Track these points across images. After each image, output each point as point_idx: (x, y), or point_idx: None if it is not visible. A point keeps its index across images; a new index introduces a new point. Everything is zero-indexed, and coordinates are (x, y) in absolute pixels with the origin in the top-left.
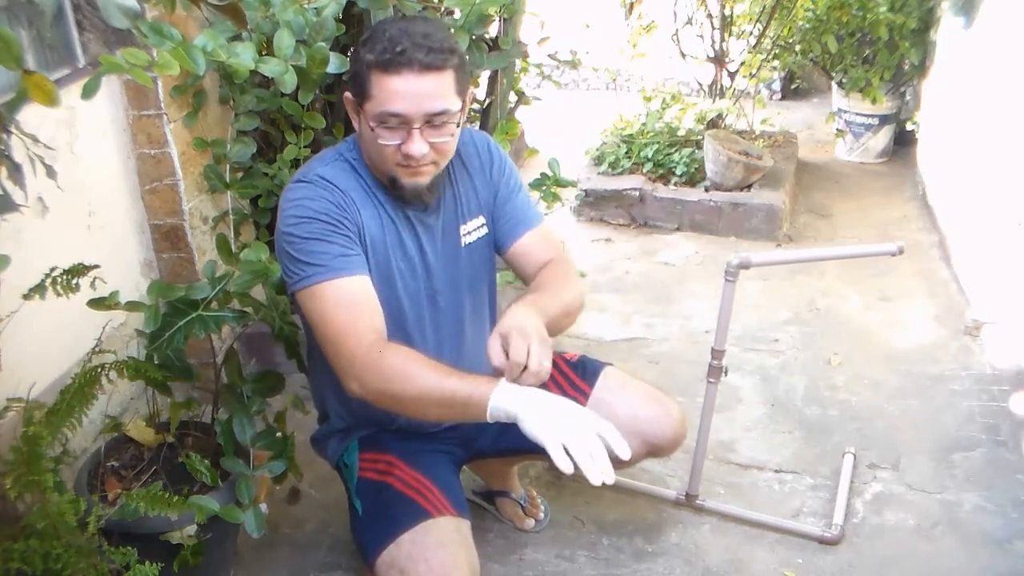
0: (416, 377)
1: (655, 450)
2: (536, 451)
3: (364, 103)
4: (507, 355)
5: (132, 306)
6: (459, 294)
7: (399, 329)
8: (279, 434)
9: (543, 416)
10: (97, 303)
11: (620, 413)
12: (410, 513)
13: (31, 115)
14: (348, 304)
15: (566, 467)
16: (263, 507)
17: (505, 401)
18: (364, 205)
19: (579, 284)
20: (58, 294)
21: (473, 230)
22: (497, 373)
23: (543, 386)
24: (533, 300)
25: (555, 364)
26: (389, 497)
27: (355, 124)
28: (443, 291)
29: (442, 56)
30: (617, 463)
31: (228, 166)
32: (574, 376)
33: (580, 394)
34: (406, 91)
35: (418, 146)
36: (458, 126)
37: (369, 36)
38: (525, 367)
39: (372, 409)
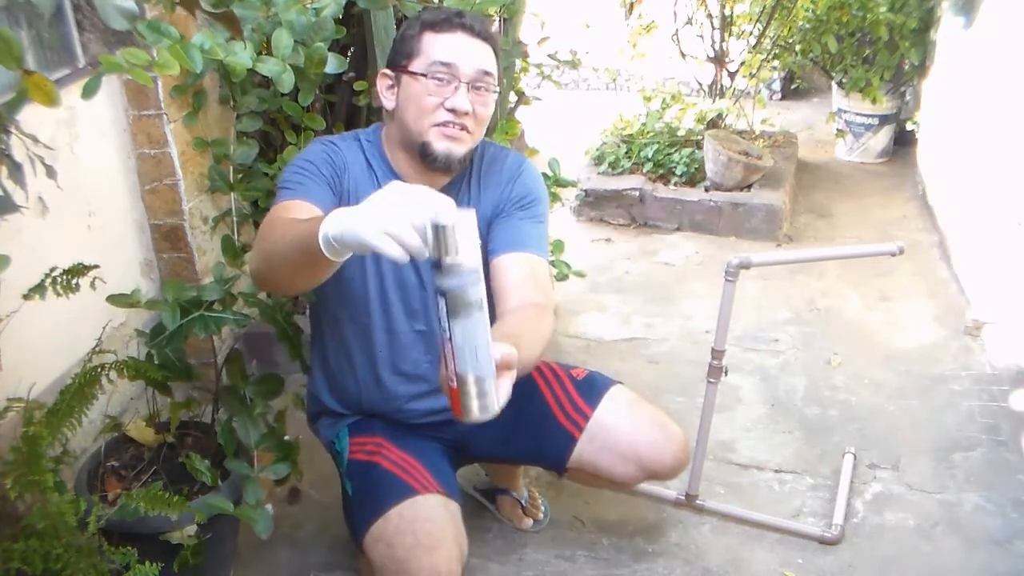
0: (276, 230)
1: (653, 476)
2: (540, 464)
3: (410, 63)
4: None
5: (152, 304)
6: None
7: (385, 309)
8: (287, 438)
9: (362, 219)
10: (119, 300)
11: (621, 438)
12: (396, 490)
13: (31, 115)
14: (282, 210)
15: (396, 253)
16: (268, 508)
17: (331, 223)
18: (360, 179)
19: (544, 341)
20: (58, 294)
21: None
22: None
23: (544, 402)
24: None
25: (560, 381)
26: (377, 476)
27: (388, 101)
28: (428, 278)
29: (490, 32)
30: (619, 486)
31: (231, 168)
32: (576, 396)
33: (580, 416)
34: (458, 46)
35: (463, 100)
36: (495, 102)
37: (422, 11)
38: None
39: (362, 400)
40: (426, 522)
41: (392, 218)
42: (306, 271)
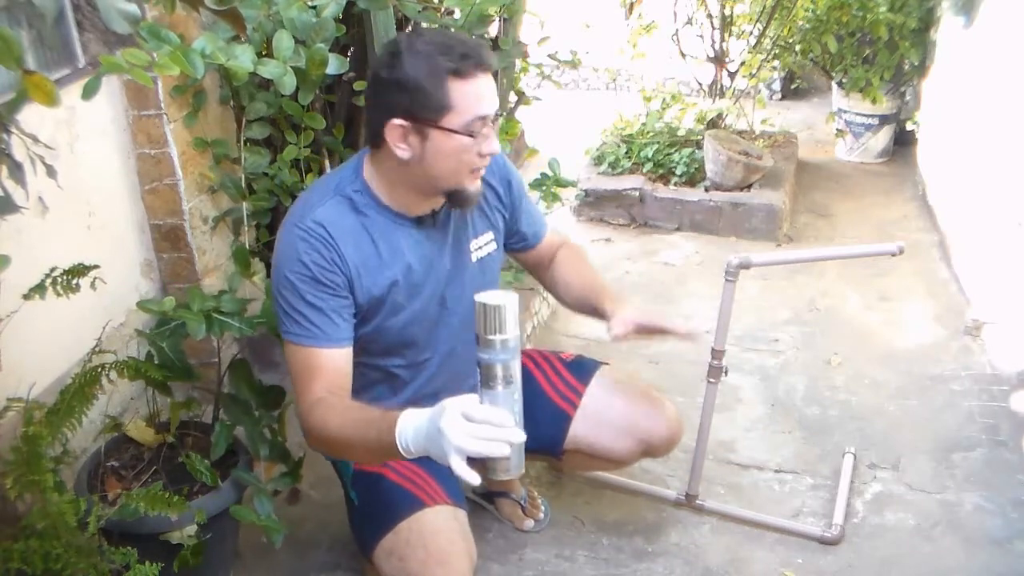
0: (333, 428)
1: (650, 449)
2: (536, 450)
3: (440, 119)
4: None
5: (179, 314)
6: (469, 304)
7: (410, 346)
8: (299, 456)
9: (439, 452)
10: (148, 306)
11: (614, 412)
12: (406, 503)
13: (31, 115)
14: (311, 370)
15: (472, 479)
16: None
17: (408, 445)
18: (359, 248)
19: (587, 261)
20: (58, 294)
21: (484, 245)
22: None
23: (536, 384)
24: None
25: (550, 363)
26: (384, 488)
27: (403, 152)
28: (453, 302)
29: (491, 57)
30: (616, 463)
31: (244, 175)
32: (568, 375)
33: (573, 393)
34: (486, 92)
35: (497, 143)
36: None
37: (438, 55)
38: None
39: None
40: (437, 535)
41: (456, 448)
42: (384, 459)
